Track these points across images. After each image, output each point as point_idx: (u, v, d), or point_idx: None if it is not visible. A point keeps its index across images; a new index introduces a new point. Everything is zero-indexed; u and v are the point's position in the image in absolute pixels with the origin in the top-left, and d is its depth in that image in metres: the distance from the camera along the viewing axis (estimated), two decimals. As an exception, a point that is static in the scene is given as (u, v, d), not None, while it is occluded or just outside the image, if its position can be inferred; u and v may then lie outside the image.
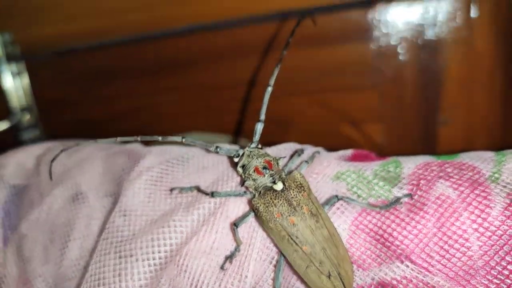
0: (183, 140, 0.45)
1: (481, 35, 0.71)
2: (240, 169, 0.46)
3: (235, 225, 0.45)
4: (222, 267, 0.47)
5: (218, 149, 0.47)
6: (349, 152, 0.53)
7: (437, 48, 0.73)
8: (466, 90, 0.74)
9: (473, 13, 0.69)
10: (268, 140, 0.55)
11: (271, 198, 0.44)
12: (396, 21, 0.72)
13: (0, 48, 0.94)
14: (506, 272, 0.40)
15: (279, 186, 0.44)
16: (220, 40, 0.80)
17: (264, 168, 0.45)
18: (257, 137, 0.47)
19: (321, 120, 0.81)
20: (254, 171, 0.45)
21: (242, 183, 0.47)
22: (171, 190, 0.51)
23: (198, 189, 0.49)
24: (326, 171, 0.49)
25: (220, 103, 0.83)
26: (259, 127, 0.47)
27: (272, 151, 0.53)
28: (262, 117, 0.47)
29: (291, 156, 0.51)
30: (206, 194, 0.48)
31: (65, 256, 0.56)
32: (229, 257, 0.47)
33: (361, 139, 0.80)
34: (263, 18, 0.74)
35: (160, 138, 0.43)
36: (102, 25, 0.85)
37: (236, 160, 0.47)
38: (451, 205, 0.42)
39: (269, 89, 0.47)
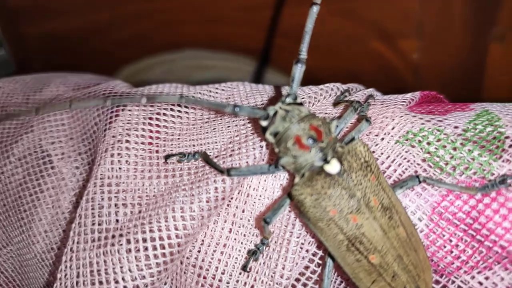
0: (183, 101, 0.27)
1: None
2: (270, 138, 0.30)
3: (265, 221, 0.31)
4: (244, 268, 0.34)
5: (236, 110, 0.30)
6: (417, 95, 0.37)
7: None
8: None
9: None
10: (285, 57, 0.41)
11: (322, 186, 0.29)
12: None
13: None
14: None
15: (334, 167, 0.29)
16: None
17: (311, 138, 0.29)
18: (294, 85, 0.30)
19: (345, 33, 0.64)
20: (294, 143, 0.29)
21: (276, 162, 0.31)
22: (166, 158, 0.35)
23: (206, 158, 0.34)
24: (389, 129, 0.34)
25: (232, 13, 0.63)
26: (299, 69, 0.30)
27: (310, 95, 0.37)
28: (303, 54, 0.30)
29: (336, 103, 0.35)
30: (219, 170, 0.32)
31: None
32: (253, 254, 0.34)
33: (393, 57, 0.64)
34: None
35: (144, 101, 0.26)
36: None
37: (264, 124, 0.30)
38: None
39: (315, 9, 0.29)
